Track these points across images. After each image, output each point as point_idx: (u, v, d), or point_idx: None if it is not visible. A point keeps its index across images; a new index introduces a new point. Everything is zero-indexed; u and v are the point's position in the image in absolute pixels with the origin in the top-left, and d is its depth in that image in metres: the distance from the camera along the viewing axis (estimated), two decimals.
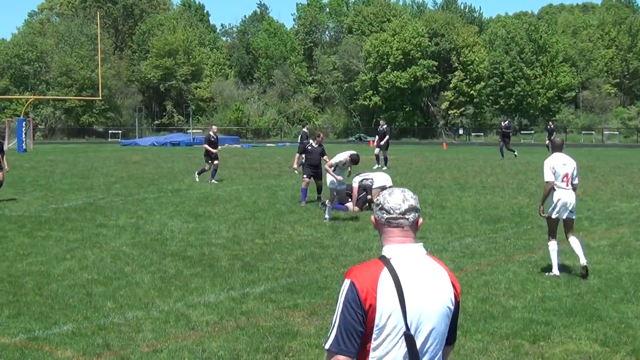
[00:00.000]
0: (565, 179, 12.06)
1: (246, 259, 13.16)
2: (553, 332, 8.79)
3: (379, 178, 21.44)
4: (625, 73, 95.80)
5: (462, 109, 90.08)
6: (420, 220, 3.73)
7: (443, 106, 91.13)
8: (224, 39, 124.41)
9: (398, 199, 3.70)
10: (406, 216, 3.67)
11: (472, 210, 19.88)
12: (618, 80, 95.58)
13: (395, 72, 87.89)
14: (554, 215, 12.14)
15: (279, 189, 25.32)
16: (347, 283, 3.57)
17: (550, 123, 59.82)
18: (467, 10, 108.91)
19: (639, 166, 37.24)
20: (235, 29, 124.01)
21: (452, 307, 3.68)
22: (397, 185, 23.82)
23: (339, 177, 18.56)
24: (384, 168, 33.91)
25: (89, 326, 9.08)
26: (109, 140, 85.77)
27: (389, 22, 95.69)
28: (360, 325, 3.50)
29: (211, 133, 29.72)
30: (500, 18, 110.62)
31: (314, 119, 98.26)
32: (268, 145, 72.36)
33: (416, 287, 3.56)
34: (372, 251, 13.87)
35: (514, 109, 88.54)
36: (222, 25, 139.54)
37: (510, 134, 47.44)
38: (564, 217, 12.17)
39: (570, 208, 12.14)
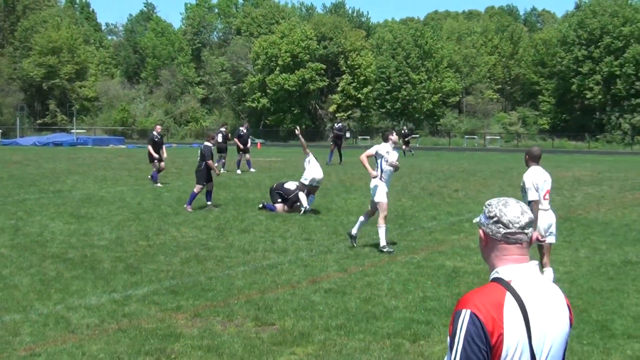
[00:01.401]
0: (546, 196, 10.40)
1: (129, 261, 13.00)
2: (433, 331, 8.99)
3: (311, 171, 20.89)
4: (507, 79, 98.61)
5: (350, 112, 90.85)
6: (535, 234, 3.37)
7: (331, 109, 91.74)
8: (110, 37, 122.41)
9: (516, 211, 3.28)
10: (525, 231, 3.27)
11: (357, 212, 20.07)
12: (500, 86, 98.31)
13: (283, 74, 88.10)
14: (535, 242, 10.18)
15: (164, 191, 25.07)
16: (466, 314, 3.09)
17: (404, 127, 60.78)
18: (355, 14, 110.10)
19: (519, 170, 38.30)
20: (121, 28, 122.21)
21: (568, 331, 3.31)
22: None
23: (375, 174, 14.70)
24: (252, 170, 33.95)
25: None
26: None
27: (277, 25, 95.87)
28: None
29: (155, 133, 27.96)
30: (387, 23, 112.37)
31: (202, 121, 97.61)
32: None
33: (540, 314, 3.18)
34: (257, 252, 13.90)
35: (400, 113, 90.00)
36: (107, 24, 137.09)
37: (343, 137, 46.10)
38: (547, 241, 10.37)
39: (553, 230, 10.47)
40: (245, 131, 34.68)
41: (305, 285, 11.29)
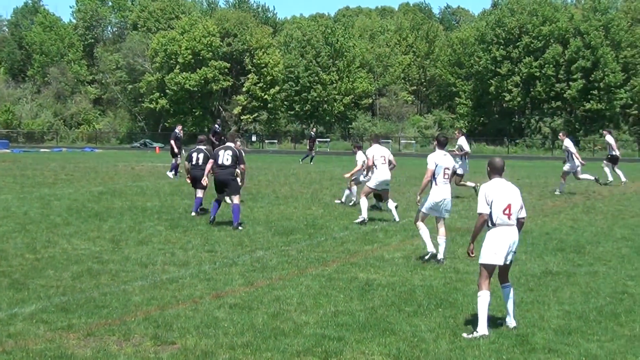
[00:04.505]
0: (507, 211, 9.99)
1: (15, 276, 12.73)
2: (345, 347, 9.04)
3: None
4: (423, 80, 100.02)
5: (256, 114, 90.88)
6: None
7: (235, 111, 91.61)
8: None
9: None
10: None
11: (264, 221, 20.12)
12: (415, 87, 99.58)
13: (184, 73, 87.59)
14: (492, 261, 10.03)
15: (53, 199, 24.62)
16: None
17: (312, 129, 60.16)
18: (260, 9, 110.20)
19: None
20: (5, 22, 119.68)
21: None
22: (168, 195, 23.70)
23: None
24: (170, 175, 33.79)
25: None
26: None
27: (177, 20, 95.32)
28: None
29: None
30: (296, 19, 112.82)
31: (95, 123, 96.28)
32: (42, 150, 70.10)
33: None
34: (156, 266, 13.77)
35: (309, 115, 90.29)
36: None
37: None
38: (508, 261, 10.17)
39: (514, 249, 10.14)
40: (181, 134, 35.58)
41: (208, 301, 11.24)
